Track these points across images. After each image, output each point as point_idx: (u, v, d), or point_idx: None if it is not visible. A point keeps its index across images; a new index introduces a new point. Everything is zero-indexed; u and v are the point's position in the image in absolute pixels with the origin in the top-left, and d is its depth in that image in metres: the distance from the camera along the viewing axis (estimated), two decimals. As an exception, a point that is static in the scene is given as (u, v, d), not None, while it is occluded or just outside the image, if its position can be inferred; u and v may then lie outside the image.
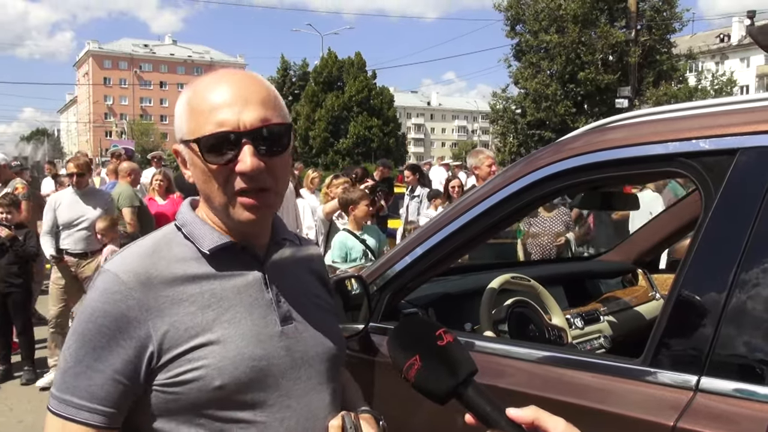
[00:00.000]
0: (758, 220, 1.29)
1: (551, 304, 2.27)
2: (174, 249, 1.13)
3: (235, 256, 1.15)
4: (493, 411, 0.91)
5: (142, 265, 1.08)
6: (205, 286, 1.11)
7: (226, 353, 1.07)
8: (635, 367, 1.40)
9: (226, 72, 1.13)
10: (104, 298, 1.05)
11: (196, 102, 1.09)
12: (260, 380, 1.10)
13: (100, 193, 6.01)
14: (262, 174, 1.06)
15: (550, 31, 26.37)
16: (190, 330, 1.07)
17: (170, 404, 1.06)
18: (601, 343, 2.36)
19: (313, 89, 46.02)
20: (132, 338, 1.04)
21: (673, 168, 1.48)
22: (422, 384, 0.95)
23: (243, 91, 1.07)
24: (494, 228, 1.87)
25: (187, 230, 1.15)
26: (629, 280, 3.05)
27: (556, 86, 26.70)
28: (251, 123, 1.06)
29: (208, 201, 1.13)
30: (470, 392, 0.93)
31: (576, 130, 1.83)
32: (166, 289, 1.07)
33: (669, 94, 25.13)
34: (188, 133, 1.09)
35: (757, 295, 1.26)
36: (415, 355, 0.96)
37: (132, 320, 1.04)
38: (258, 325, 1.13)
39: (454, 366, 0.94)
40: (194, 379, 1.05)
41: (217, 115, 1.05)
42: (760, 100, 1.46)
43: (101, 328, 1.04)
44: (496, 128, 30.78)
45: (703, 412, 1.25)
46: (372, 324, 1.92)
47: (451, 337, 0.98)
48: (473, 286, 2.38)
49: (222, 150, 1.06)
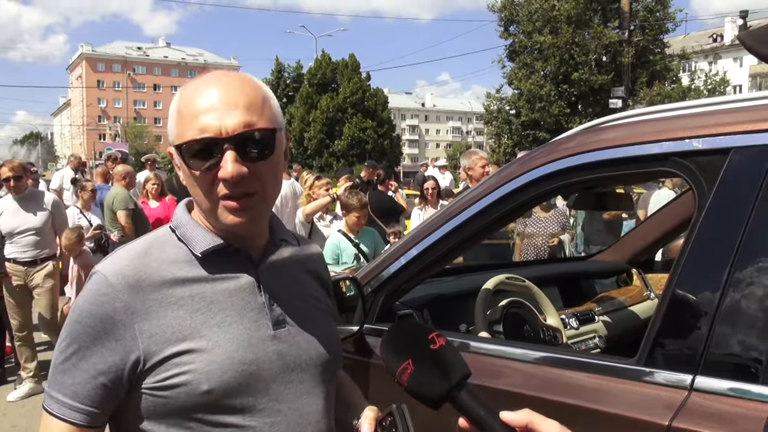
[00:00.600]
0: (751, 219, 1.29)
1: (546, 305, 2.27)
2: (167, 251, 1.12)
3: (229, 259, 1.14)
4: (487, 415, 0.90)
5: (132, 267, 1.08)
6: (196, 289, 1.10)
7: (213, 357, 1.06)
8: (630, 367, 1.40)
9: (216, 75, 1.11)
10: (92, 299, 1.06)
11: (183, 106, 1.08)
12: (249, 385, 1.09)
13: (40, 194, 5.79)
14: (245, 179, 1.05)
15: (543, 32, 26.44)
16: (178, 334, 1.06)
17: (159, 408, 1.06)
18: (596, 343, 2.36)
19: (307, 91, 45.97)
20: (117, 340, 1.04)
21: (667, 168, 1.48)
22: (415, 388, 0.95)
23: (228, 96, 1.05)
24: (489, 228, 1.87)
25: (181, 232, 1.14)
26: (624, 279, 3.06)
27: (550, 87, 26.76)
28: (233, 128, 1.04)
29: (197, 205, 1.13)
30: (464, 396, 0.92)
31: (570, 130, 1.84)
32: (154, 292, 1.07)
33: (662, 94, 25.24)
34: (175, 137, 1.08)
35: (751, 294, 1.26)
36: (408, 359, 0.95)
37: (118, 323, 1.04)
38: (249, 329, 1.11)
39: (447, 370, 0.94)
40: (182, 383, 1.04)
41: (200, 121, 1.04)
42: (753, 99, 1.46)
43: (87, 329, 1.05)
44: (491, 129, 30.83)
45: (697, 411, 1.26)
46: (367, 326, 1.92)
47: (443, 340, 0.97)
48: (468, 287, 2.38)
49: (204, 156, 1.05)
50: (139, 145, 63.55)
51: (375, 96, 47.27)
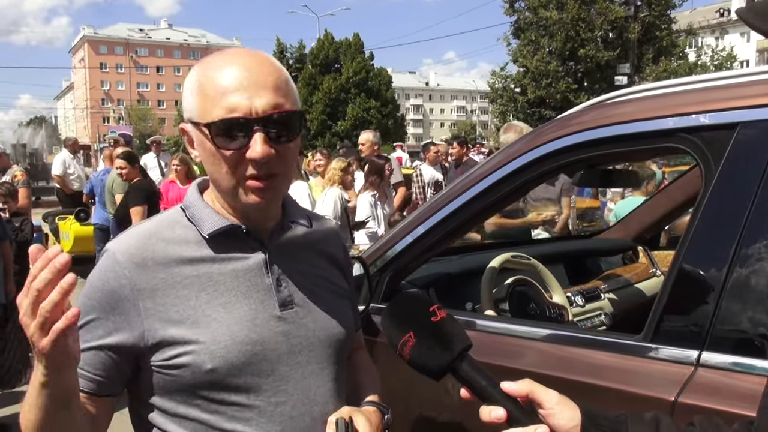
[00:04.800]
0: (759, 195, 1.28)
1: (552, 283, 2.27)
2: (176, 231, 1.14)
3: (237, 240, 1.14)
4: (488, 385, 0.91)
5: (139, 245, 1.10)
6: (202, 269, 1.11)
7: (217, 337, 1.08)
8: (636, 344, 1.40)
9: (237, 52, 1.11)
10: (100, 275, 1.09)
11: (206, 83, 1.06)
12: (254, 364, 1.10)
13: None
14: (272, 160, 1.05)
15: (549, 8, 26.16)
16: (183, 313, 1.08)
17: (168, 384, 1.09)
18: (602, 320, 2.36)
19: (310, 72, 45.71)
20: (121, 315, 1.07)
21: (673, 143, 1.47)
22: (417, 360, 0.96)
23: (256, 75, 1.05)
24: (496, 206, 1.86)
25: (191, 213, 1.15)
26: (630, 257, 3.05)
27: (556, 63, 26.54)
28: (263, 109, 1.04)
29: (216, 183, 1.12)
30: (465, 367, 0.93)
31: (576, 107, 1.82)
32: (160, 271, 1.08)
33: (668, 70, 25.00)
34: (198, 115, 1.07)
35: (757, 270, 1.25)
36: (410, 331, 0.96)
37: (123, 298, 1.07)
38: (254, 310, 1.12)
39: (449, 341, 0.95)
40: (187, 363, 1.06)
41: (228, 100, 1.04)
42: (760, 74, 1.44)
43: (94, 303, 1.08)
44: (496, 107, 30.66)
45: (704, 386, 1.26)
46: (372, 305, 1.92)
47: (444, 312, 0.98)
48: (474, 266, 2.38)
49: (233, 135, 1.04)
50: (143, 128, 63.44)
51: (379, 76, 47.03)
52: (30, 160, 19.01)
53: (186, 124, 1.12)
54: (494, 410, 0.90)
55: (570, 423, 0.89)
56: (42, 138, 31.71)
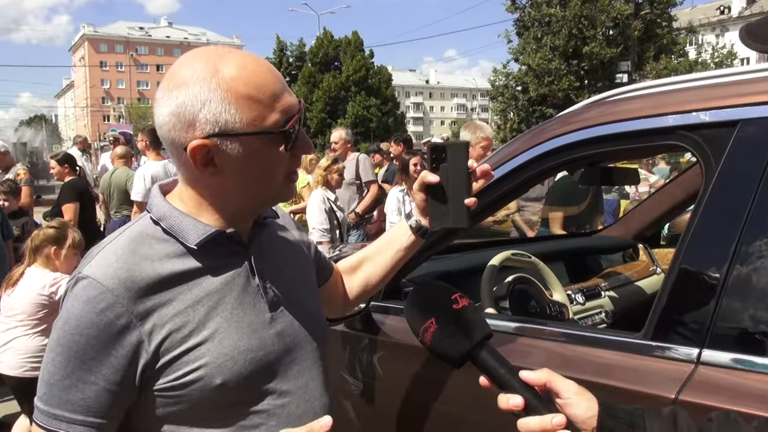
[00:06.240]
0: (759, 193, 1.28)
1: (552, 281, 2.27)
2: (155, 246, 1.06)
3: (220, 246, 1.10)
4: (507, 373, 0.93)
5: (125, 268, 1.01)
6: (193, 282, 1.06)
7: (222, 349, 1.04)
8: (637, 341, 1.40)
9: (246, 53, 1.07)
10: (90, 307, 0.98)
11: (247, 89, 1.00)
12: (259, 371, 1.08)
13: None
14: None
15: (552, 4, 26.13)
16: (183, 330, 1.02)
17: (171, 407, 1.03)
18: (602, 318, 2.37)
19: (310, 70, 45.70)
20: (123, 347, 0.99)
21: (674, 141, 1.46)
22: (438, 347, 0.97)
23: (276, 73, 1.06)
24: (497, 203, 1.86)
25: (167, 224, 1.08)
26: (630, 255, 3.05)
27: (559, 61, 26.51)
28: (299, 106, 1.06)
29: (257, 194, 1.09)
30: (484, 355, 0.95)
31: (577, 104, 1.82)
32: (153, 292, 1.01)
33: (669, 68, 24.98)
34: (248, 123, 1.00)
35: (758, 268, 1.25)
36: (431, 318, 0.98)
37: (122, 329, 0.98)
38: (249, 315, 1.10)
39: (470, 329, 0.96)
40: (195, 380, 1.02)
41: (281, 102, 1.03)
42: (760, 71, 1.44)
43: (90, 340, 0.98)
44: (496, 105, 30.63)
45: (704, 384, 1.26)
46: (373, 303, 1.92)
47: (466, 301, 0.99)
48: (474, 264, 2.38)
49: (288, 136, 1.04)
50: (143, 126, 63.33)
51: (379, 74, 47.01)
52: (30, 159, 18.99)
53: (210, 139, 1.00)
54: (512, 398, 0.91)
55: (587, 413, 0.90)
56: (42, 137, 31.67)
